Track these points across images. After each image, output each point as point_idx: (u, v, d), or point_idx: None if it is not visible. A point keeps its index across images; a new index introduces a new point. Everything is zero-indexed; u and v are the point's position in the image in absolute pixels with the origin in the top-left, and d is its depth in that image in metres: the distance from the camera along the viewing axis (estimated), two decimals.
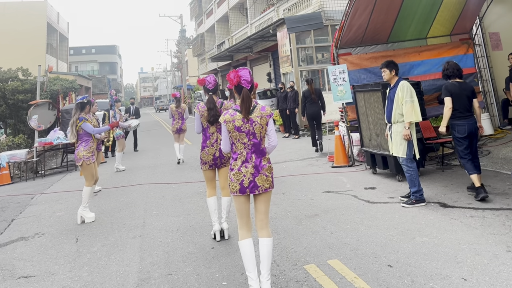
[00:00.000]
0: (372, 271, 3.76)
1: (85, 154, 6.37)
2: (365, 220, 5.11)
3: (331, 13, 16.13)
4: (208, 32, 37.66)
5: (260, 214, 3.53)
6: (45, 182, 10.70)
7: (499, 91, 9.70)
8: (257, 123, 3.50)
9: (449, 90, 5.59)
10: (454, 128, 5.61)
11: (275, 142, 3.62)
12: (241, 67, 3.70)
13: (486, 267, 3.63)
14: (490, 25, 9.91)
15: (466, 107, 5.58)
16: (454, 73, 5.73)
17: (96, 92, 39.66)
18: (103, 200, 7.64)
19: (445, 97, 5.59)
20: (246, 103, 3.49)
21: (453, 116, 5.59)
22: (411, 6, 8.21)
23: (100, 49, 73.87)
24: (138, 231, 5.59)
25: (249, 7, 26.46)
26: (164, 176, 9.38)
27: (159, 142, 17.10)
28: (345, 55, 8.53)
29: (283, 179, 7.80)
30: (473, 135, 5.57)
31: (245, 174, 3.46)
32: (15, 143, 13.63)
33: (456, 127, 5.59)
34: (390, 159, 6.95)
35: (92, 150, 6.49)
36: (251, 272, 3.37)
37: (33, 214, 7.20)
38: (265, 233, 3.48)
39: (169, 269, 4.24)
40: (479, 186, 5.41)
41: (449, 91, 5.58)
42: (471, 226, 4.58)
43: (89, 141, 6.48)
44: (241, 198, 3.51)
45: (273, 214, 5.66)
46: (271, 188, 3.54)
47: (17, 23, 28.81)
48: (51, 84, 19.01)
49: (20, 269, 4.68)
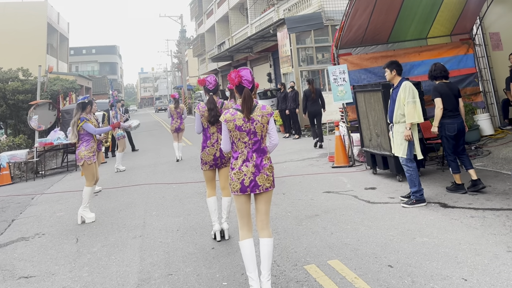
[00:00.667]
0: (372, 271, 3.75)
1: (87, 154, 6.38)
2: (365, 220, 5.10)
3: (331, 13, 16.13)
4: (209, 32, 37.67)
5: (260, 214, 3.52)
6: (46, 182, 10.71)
7: (500, 91, 9.69)
8: (258, 122, 3.49)
9: (438, 90, 5.78)
10: (444, 127, 5.80)
11: (276, 140, 3.61)
12: (242, 67, 3.69)
13: (487, 267, 3.62)
14: (491, 25, 9.90)
15: (455, 106, 5.84)
16: (441, 74, 5.95)
17: (97, 92, 39.68)
18: (103, 201, 7.64)
19: (436, 98, 5.76)
20: (247, 102, 3.48)
21: (443, 116, 5.80)
22: (411, 6, 8.21)
23: (100, 49, 73.96)
24: (139, 232, 5.59)
25: (249, 7, 26.47)
26: (165, 176, 9.38)
27: (159, 142, 17.10)
28: (345, 55, 8.53)
29: (284, 179, 7.80)
30: (461, 133, 5.81)
31: (246, 173, 3.45)
32: (16, 144, 13.62)
33: (446, 126, 5.77)
34: (390, 159, 6.95)
35: (93, 150, 6.50)
36: (251, 273, 3.36)
37: (33, 215, 7.20)
38: (265, 233, 3.47)
39: (170, 270, 4.24)
40: (461, 183, 5.79)
41: (438, 91, 5.77)
42: (472, 227, 4.57)
43: (90, 141, 6.48)
44: (242, 197, 3.50)
45: (274, 214, 5.66)
46: (272, 187, 3.52)
47: (17, 23, 28.82)
48: (51, 85, 19.01)
49: (21, 269, 4.69)
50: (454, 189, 5.88)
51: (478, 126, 9.02)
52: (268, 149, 3.61)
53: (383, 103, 6.84)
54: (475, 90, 9.34)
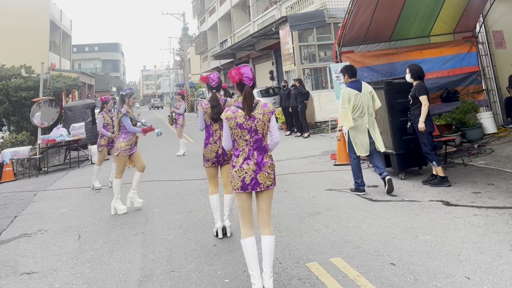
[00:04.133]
0: (374, 269, 3.75)
1: (124, 146, 6.43)
2: (367, 218, 5.10)
3: (334, 11, 16.09)
4: (211, 30, 37.63)
5: (262, 212, 3.51)
6: (48, 179, 10.73)
7: (503, 90, 9.65)
8: (259, 120, 3.48)
9: (425, 88, 6.24)
10: (427, 123, 6.18)
11: (278, 139, 3.60)
12: (242, 64, 3.66)
13: (490, 265, 3.61)
14: (494, 23, 9.85)
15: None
16: (423, 74, 6.43)
17: (99, 90, 39.73)
18: (105, 197, 7.66)
19: (423, 95, 6.15)
20: (248, 100, 3.47)
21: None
22: (414, 4, 8.18)
23: (103, 46, 73.96)
24: (141, 228, 5.59)
25: (251, 5, 26.42)
26: (167, 173, 9.38)
27: (161, 140, 17.10)
28: (347, 53, 8.51)
29: (286, 177, 7.79)
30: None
31: (247, 171, 3.44)
32: (18, 140, 13.65)
33: (428, 122, 6.20)
34: (392, 158, 6.94)
35: (131, 143, 6.53)
36: (253, 271, 3.35)
37: (36, 211, 7.22)
38: (267, 231, 3.46)
39: (171, 266, 4.25)
40: (445, 176, 6.18)
41: (425, 89, 6.22)
42: (474, 225, 4.56)
43: (129, 134, 6.52)
44: (243, 195, 3.49)
45: (276, 212, 5.66)
46: (273, 185, 3.51)
47: (20, 21, 28.81)
48: (54, 82, 19.02)
49: (23, 266, 4.70)
50: (439, 183, 6.17)
51: (481, 125, 8.99)
52: (269, 147, 3.59)
53: (385, 101, 6.83)
54: (478, 88, 9.31)
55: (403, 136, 6.77)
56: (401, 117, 6.79)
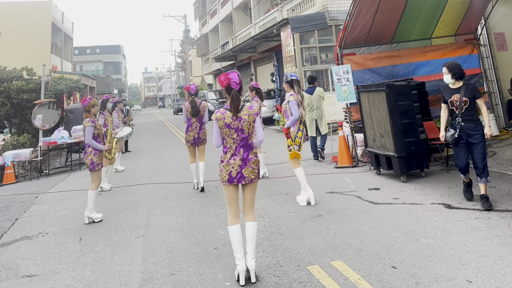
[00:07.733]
0: (376, 272, 3.73)
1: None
2: (369, 221, 5.08)
3: (335, 13, 16.09)
4: (212, 32, 37.69)
5: (246, 202, 3.97)
6: (49, 181, 10.73)
7: (504, 92, 9.64)
8: (245, 120, 3.88)
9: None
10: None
11: (262, 137, 4.05)
12: (230, 71, 4.07)
13: (491, 269, 3.60)
14: (495, 25, 9.84)
15: None
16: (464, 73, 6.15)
17: (100, 92, 39.78)
18: (106, 200, 7.66)
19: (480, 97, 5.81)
20: (235, 102, 3.87)
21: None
22: (416, 6, 8.17)
23: (104, 49, 74.19)
24: (141, 231, 5.59)
25: (253, 7, 26.45)
26: (168, 176, 9.38)
27: (163, 142, 17.13)
28: (349, 55, 8.50)
29: (287, 179, 7.78)
30: None
31: (233, 166, 3.87)
32: (20, 143, 13.68)
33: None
34: (394, 160, 6.92)
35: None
36: (238, 253, 3.78)
37: (37, 213, 7.22)
38: (250, 218, 3.93)
39: (172, 269, 4.24)
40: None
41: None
42: (476, 228, 4.54)
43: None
44: (230, 187, 3.91)
45: (277, 214, 5.65)
46: (256, 179, 3.94)
47: (21, 23, 28.89)
48: (55, 84, 19.07)
49: (24, 268, 4.70)
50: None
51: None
52: (254, 144, 3.99)
53: (387, 104, 6.82)
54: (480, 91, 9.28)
55: (405, 139, 6.76)
56: (403, 119, 6.78)
